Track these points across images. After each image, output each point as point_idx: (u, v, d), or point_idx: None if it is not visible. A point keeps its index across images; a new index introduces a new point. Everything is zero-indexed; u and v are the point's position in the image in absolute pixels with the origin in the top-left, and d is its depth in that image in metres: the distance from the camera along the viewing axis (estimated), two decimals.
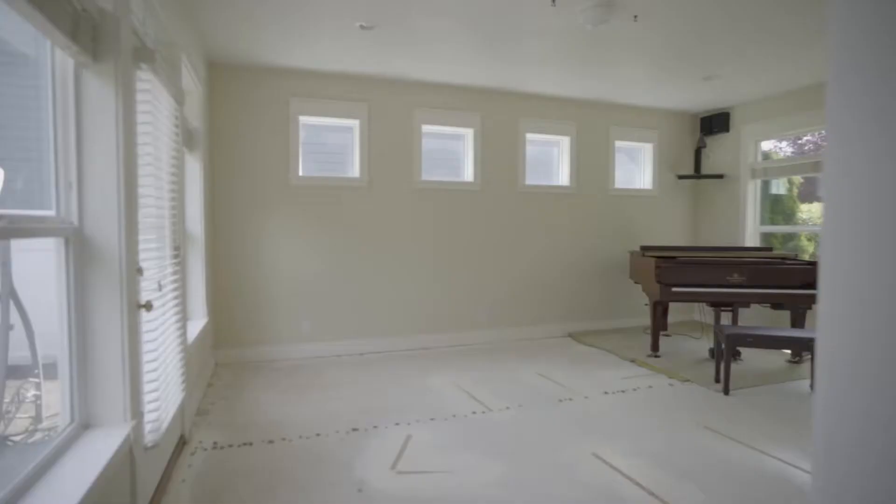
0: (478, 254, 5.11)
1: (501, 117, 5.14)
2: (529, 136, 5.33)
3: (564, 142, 5.50)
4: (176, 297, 2.45)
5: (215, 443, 2.72)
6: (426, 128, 4.90)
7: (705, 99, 5.39)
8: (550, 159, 5.58)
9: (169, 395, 2.20)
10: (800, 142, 6.01)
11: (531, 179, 5.38)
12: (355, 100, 4.60)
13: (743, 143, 5.58)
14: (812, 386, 3.78)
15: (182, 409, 2.56)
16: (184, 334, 2.56)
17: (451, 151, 5.13)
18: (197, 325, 3.40)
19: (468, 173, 5.10)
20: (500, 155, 5.16)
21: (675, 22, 3.33)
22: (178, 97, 2.48)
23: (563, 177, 5.53)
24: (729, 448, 2.70)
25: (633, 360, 4.45)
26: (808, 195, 6.35)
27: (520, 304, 5.30)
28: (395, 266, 4.79)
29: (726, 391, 3.56)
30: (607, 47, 3.78)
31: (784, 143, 5.85)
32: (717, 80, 4.62)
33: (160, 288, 2.09)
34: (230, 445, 2.69)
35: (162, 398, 2.01)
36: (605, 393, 3.58)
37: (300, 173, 4.49)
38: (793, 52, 3.93)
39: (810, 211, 6.03)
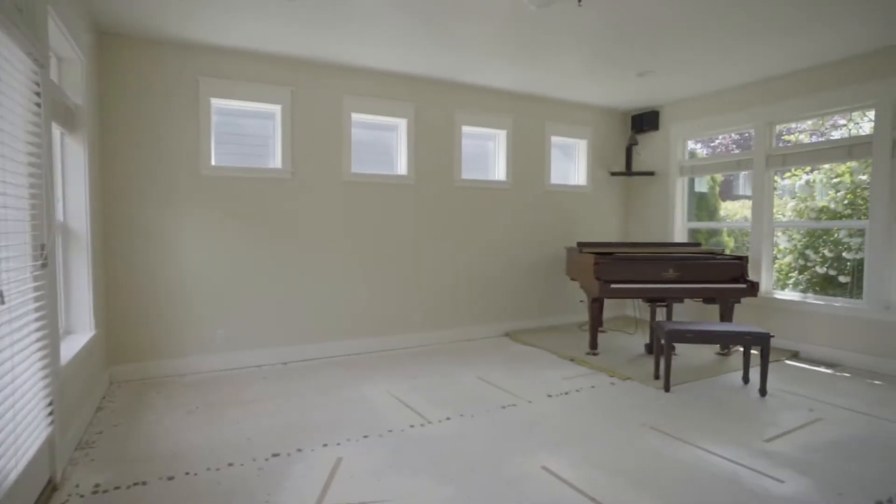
0: (412, 251, 4.82)
1: (437, 108, 4.88)
2: (466, 128, 5.11)
3: (501, 136, 5.33)
4: (38, 309, 1.96)
5: (97, 485, 2.23)
6: (356, 116, 4.54)
7: (637, 97, 5.42)
8: (487, 153, 5.39)
9: (20, 432, 1.73)
10: (712, 144, 6.25)
11: (467, 174, 5.17)
12: (278, 83, 4.15)
13: (672, 142, 5.69)
14: (745, 378, 3.86)
15: (50, 446, 2.07)
16: (52, 353, 2.07)
17: (384, 143, 4.80)
18: (79, 341, 2.85)
19: (401, 166, 4.79)
20: (436, 147, 4.90)
21: (619, 9, 3.21)
22: (40, 58, 1.98)
23: (499, 172, 5.37)
24: (678, 449, 2.61)
25: (572, 359, 4.35)
26: (727, 194, 6.64)
27: (456, 304, 5.08)
28: (323, 266, 4.39)
29: (667, 388, 3.51)
30: (549, 32, 3.62)
31: (698, 145, 6.05)
32: (652, 76, 4.63)
33: (2, 299, 1.61)
34: (117, 487, 2.22)
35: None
36: (549, 396, 3.42)
37: (212, 162, 3.98)
38: (726, 51, 3.97)
39: (726, 208, 6.29)
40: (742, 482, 2.29)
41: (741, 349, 4.43)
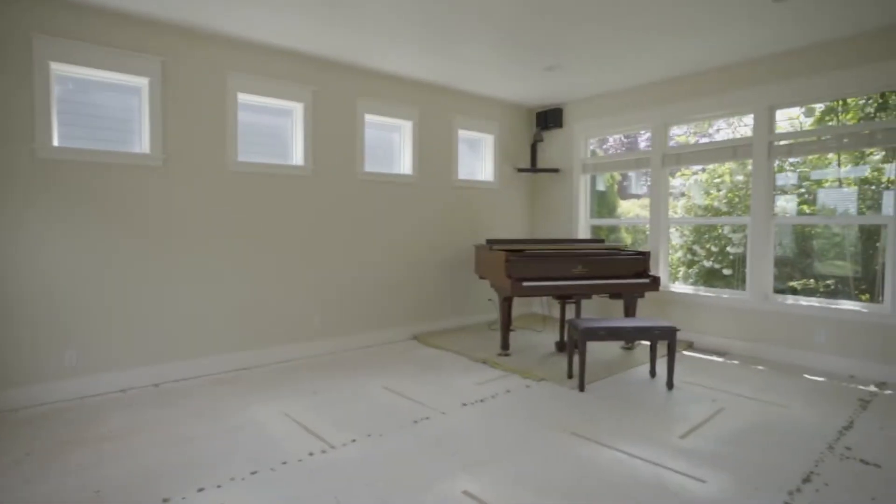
0: (310, 250, 4.35)
1: (338, 93, 4.44)
2: (370, 117, 4.73)
3: (407, 127, 5.02)
4: None
5: None
6: (245, 97, 3.97)
7: (543, 93, 5.40)
8: (392, 145, 5.06)
9: None
10: (605, 146, 6.48)
11: (371, 166, 4.79)
12: (142, 51, 3.47)
13: (575, 139, 5.76)
14: (652, 372, 3.94)
15: None
16: None
17: (277, 129, 4.27)
18: None
19: (297, 156, 4.30)
20: (336, 136, 4.46)
21: None
22: None
23: (405, 165, 5.06)
24: (601, 455, 2.48)
25: (484, 361, 4.17)
26: (622, 193, 6.93)
27: (360, 307, 4.69)
28: (203, 268, 3.78)
29: (581, 387, 3.44)
30: (460, 12, 3.37)
31: (592, 145, 6.23)
32: (559, 70, 4.59)
33: None
34: None
35: None
36: (464, 405, 3.18)
37: (55, 142, 3.22)
38: (629, 51, 4.01)
39: (621, 207, 6.55)
40: (668, 486, 2.21)
41: (645, 342, 4.55)
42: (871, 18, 3.50)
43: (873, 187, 4.10)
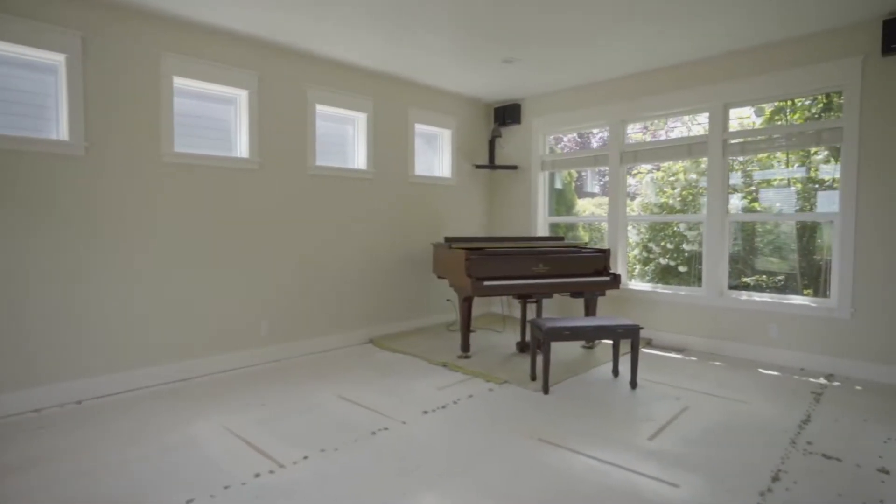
0: (256, 250, 4.04)
1: (286, 81, 4.15)
2: (321, 108, 4.45)
3: (361, 119, 4.78)
4: None
5: None
6: (183, 83, 3.62)
7: (501, 87, 5.29)
8: (346, 138, 4.80)
9: None
10: (559, 145, 6.49)
11: (323, 160, 4.52)
12: (59, 24, 3.07)
13: (533, 136, 5.69)
14: (615, 371, 3.89)
15: None
16: None
17: (219, 118, 3.93)
18: None
19: (241, 147, 3.98)
20: (285, 128, 4.17)
21: None
22: None
23: (359, 159, 4.81)
24: (571, 462, 2.36)
25: (444, 364, 4.00)
26: (579, 191, 6.95)
27: (312, 310, 4.41)
28: (135, 270, 3.41)
29: (545, 390, 3.33)
30: None
31: (550, 142, 6.22)
32: (517, 64, 4.47)
33: None
34: None
35: None
36: (425, 412, 3.00)
37: None
38: (588, 46, 3.94)
39: (578, 204, 6.57)
40: (641, 493, 2.11)
41: (602, 340, 4.51)
42: (817, 20, 3.58)
43: (816, 186, 4.23)
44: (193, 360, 3.67)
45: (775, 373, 3.81)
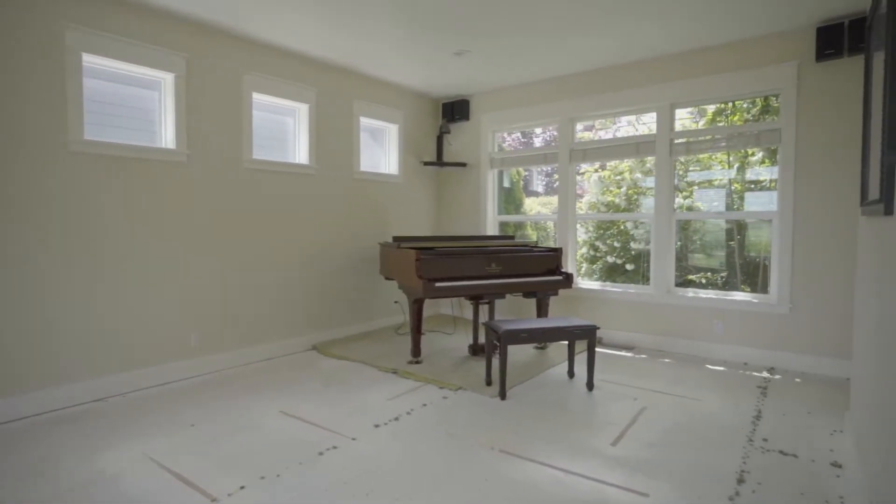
0: (184, 251, 3.64)
1: (219, 66, 3.77)
2: (258, 96, 4.10)
3: (303, 110, 4.46)
4: None
5: None
6: (94, 60, 3.18)
7: (450, 81, 5.13)
8: (286, 131, 4.46)
9: None
10: (504, 144, 6.43)
11: (261, 153, 4.17)
12: None
13: (482, 133, 5.57)
14: (570, 372, 3.82)
15: None
16: None
17: (140, 105, 3.50)
18: None
19: (167, 138, 3.57)
20: (217, 116, 3.79)
21: None
22: None
23: (301, 153, 4.49)
24: (535, 475, 2.23)
25: (395, 371, 3.78)
26: (526, 190, 6.92)
27: (248, 317, 4.05)
28: (40, 277, 2.95)
29: (502, 395, 3.19)
30: None
31: (499, 139, 6.14)
32: (468, 56, 4.32)
33: None
34: None
35: None
36: (376, 426, 2.77)
37: None
38: (539, 41, 3.85)
39: (525, 203, 6.54)
40: (608, 502, 2.00)
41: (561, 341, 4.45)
42: (756, 25, 3.67)
43: (752, 186, 4.38)
44: (109, 376, 3.24)
45: (721, 368, 3.88)
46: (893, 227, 1.60)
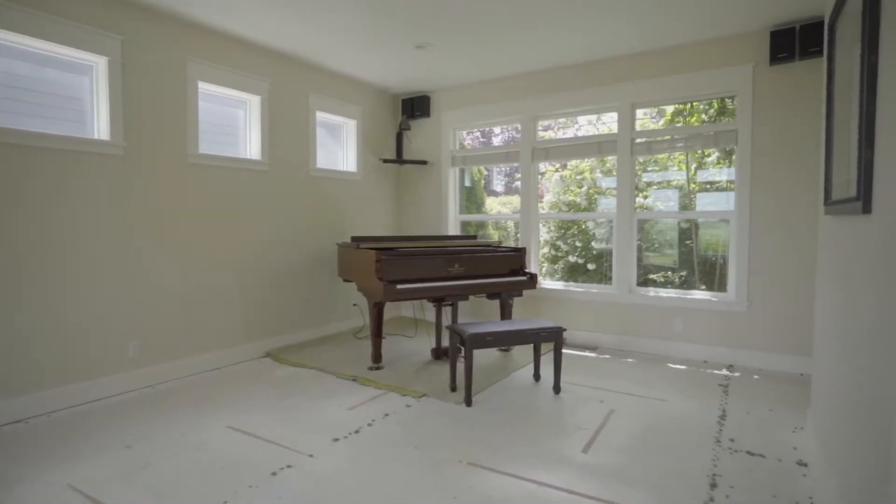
0: (121, 254, 3.32)
1: (161, 51, 3.47)
2: (205, 86, 3.81)
3: (254, 102, 4.19)
4: None
5: None
6: (9, 38, 2.83)
7: (410, 76, 4.96)
8: (236, 123, 4.18)
9: None
10: (466, 142, 6.34)
11: (209, 147, 3.88)
12: None
13: (443, 130, 5.44)
14: (536, 376, 3.74)
15: None
16: None
17: (70, 92, 3.16)
18: None
19: (100, 127, 3.24)
20: (158, 106, 3.49)
21: None
22: None
23: (252, 148, 4.22)
24: (508, 489, 2.11)
25: (354, 379, 3.59)
26: (486, 189, 6.84)
27: (196, 322, 3.76)
28: None
29: (468, 402, 3.07)
30: None
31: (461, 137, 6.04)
32: (429, 50, 4.17)
33: None
34: None
35: None
36: (336, 440, 2.59)
37: None
38: (503, 36, 3.75)
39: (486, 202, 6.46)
40: None
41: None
42: (713, 27, 3.71)
43: (708, 186, 4.45)
44: (31, 394, 2.90)
45: (683, 367, 3.91)
46: (868, 226, 1.58)
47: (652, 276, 4.65)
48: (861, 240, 1.61)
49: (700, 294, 4.23)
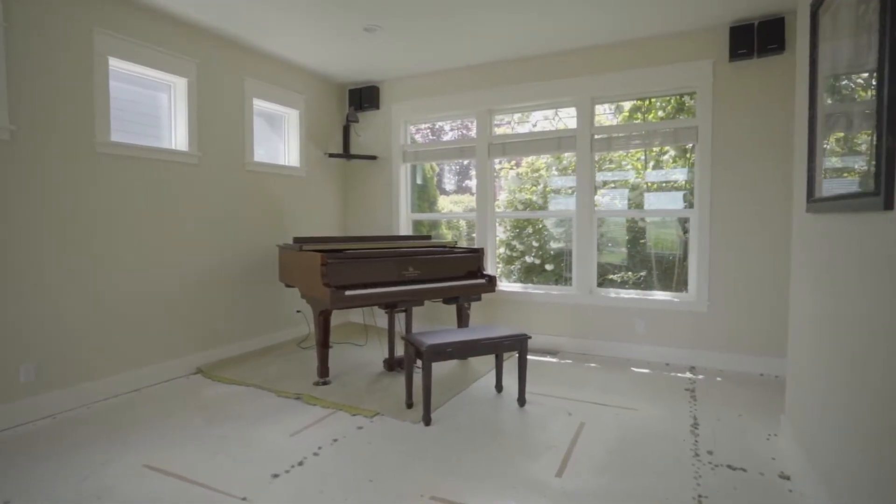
0: (20, 260, 2.78)
1: (62, 21, 2.93)
2: (119, 64, 3.30)
3: (180, 85, 3.70)
4: None
5: None
6: None
7: (358, 64, 4.59)
8: (159, 109, 3.67)
9: None
10: (417, 136, 6.06)
11: (125, 136, 3.37)
12: None
13: (394, 123, 5.11)
14: (498, 387, 3.49)
15: None
16: None
17: None
18: None
19: None
20: (59, 86, 2.95)
21: None
22: None
23: (178, 138, 3.73)
24: None
25: (298, 397, 3.20)
26: (437, 187, 6.55)
27: (109, 338, 3.24)
28: None
29: (427, 421, 2.76)
30: None
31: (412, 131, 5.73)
32: (379, 34, 3.83)
33: None
34: None
35: None
36: (276, 476, 2.21)
37: None
38: (457, 20, 3.47)
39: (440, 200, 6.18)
40: None
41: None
42: (672, 21, 3.60)
43: (665, 185, 4.37)
44: None
45: (646, 370, 3.78)
46: (891, 225, 1.41)
47: (611, 277, 4.52)
48: (881, 238, 1.44)
49: (661, 294, 4.13)
